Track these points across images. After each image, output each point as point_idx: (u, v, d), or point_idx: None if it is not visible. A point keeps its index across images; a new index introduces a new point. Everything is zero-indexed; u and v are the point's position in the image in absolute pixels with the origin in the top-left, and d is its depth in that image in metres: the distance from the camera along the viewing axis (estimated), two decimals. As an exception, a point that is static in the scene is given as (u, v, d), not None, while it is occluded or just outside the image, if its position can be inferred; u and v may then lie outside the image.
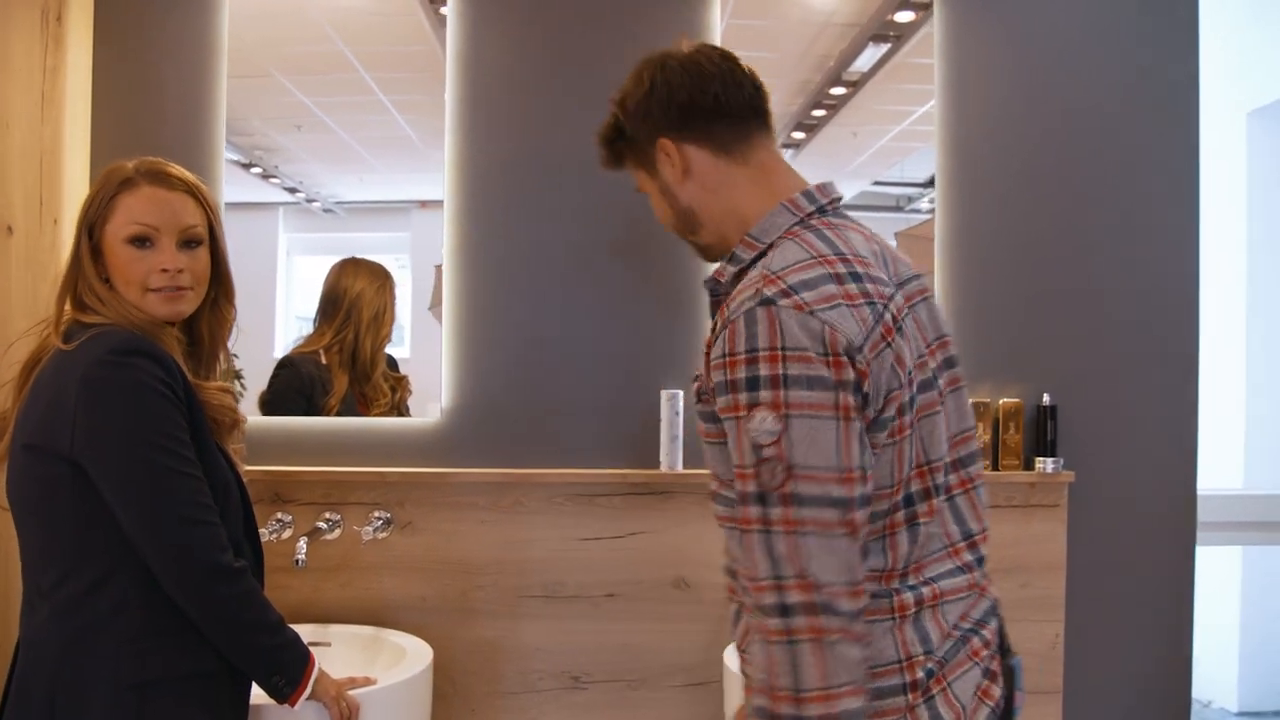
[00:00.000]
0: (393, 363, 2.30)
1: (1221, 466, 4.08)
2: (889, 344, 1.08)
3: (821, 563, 1.01)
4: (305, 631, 2.05)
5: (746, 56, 1.26)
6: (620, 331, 2.22)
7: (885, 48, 2.30)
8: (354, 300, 2.25)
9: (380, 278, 2.29)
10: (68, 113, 2.07)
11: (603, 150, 1.30)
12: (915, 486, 1.12)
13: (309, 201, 2.40)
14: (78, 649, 1.29)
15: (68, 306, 1.40)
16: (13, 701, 1.32)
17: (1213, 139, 4.34)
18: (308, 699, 1.46)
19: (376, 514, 2.14)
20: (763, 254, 1.16)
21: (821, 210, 1.21)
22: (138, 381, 1.30)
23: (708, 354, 1.13)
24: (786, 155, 2.26)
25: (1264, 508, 2.66)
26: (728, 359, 1.06)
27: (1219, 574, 4.26)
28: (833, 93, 2.30)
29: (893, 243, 1.27)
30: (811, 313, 1.04)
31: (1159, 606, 2.29)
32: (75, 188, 2.09)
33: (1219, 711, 4.22)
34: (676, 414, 2.15)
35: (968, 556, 1.17)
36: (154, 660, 1.32)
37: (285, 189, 2.39)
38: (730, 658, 1.95)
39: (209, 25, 2.21)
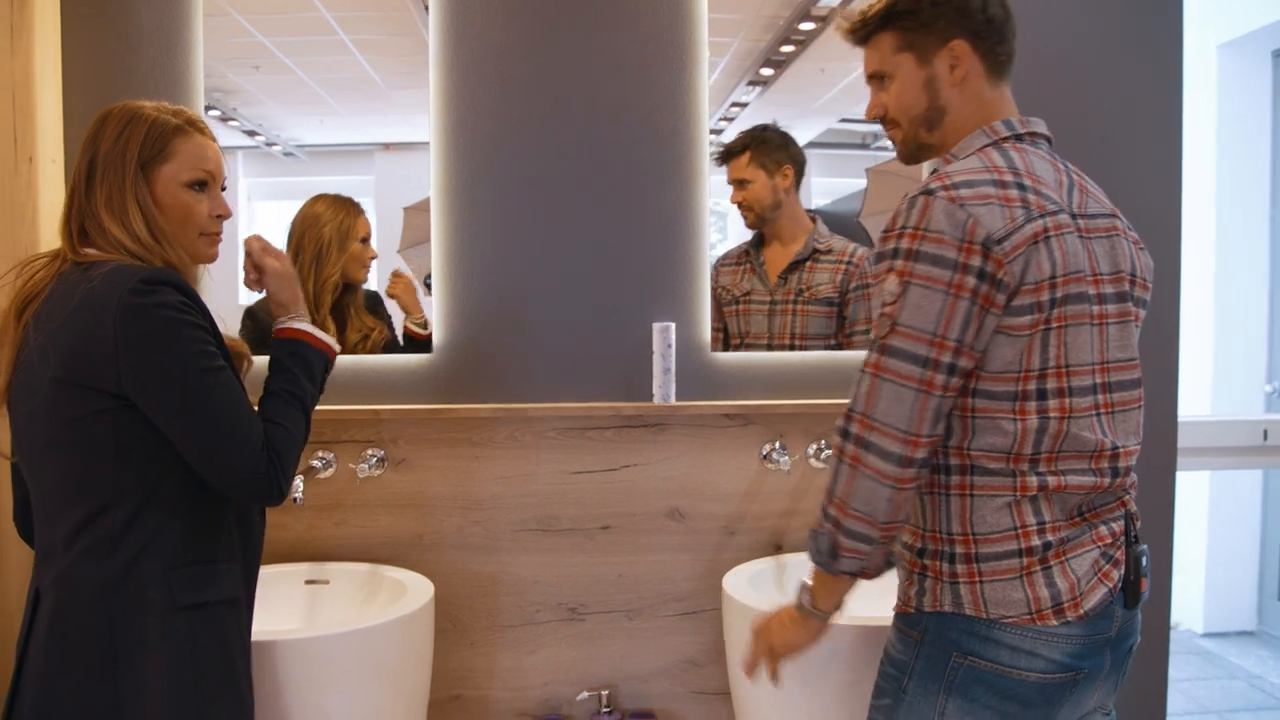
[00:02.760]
0: (375, 305, 2.26)
1: (1192, 395, 4.18)
2: (1035, 245, 1.22)
3: (886, 408, 1.22)
4: (303, 570, 2.08)
5: None
6: (609, 266, 2.21)
7: (858, -21, 2.29)
8: (299, 237, 2.20)
9: (338, 209, 2.21)
10: (37, 45, 2.01)
11: (868, 22, 1.38)
12: (1051, 384, 1.26)
13: (269, 145, 2.35)
14: (125, 581, 1.31)
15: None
16: (45, 645, 1.32)
17: (1185, 72, 4.38)
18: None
19: (370, 452, 2.13)
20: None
21: (1018, 137, 1.35)
22: (173, 307, 1.31)
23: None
24: (754, 92, 2.29)
25: (1237, 433, 2.72)
26: (885, 234, 1.27)
27: (1187, 500, 4.37)
28: (801, 28, 2.28)
29: (862, 180, 1.42)
30: (961, 205, 1.21)
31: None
32: (48, 124, 2.03)
33: (1186, 633, 4.35)
34: (669, 346, 2.15)
35: (1104, 464, 1.30)
36: (193, 586, 1.35)
37: (244, 132, 2.34)
38: (730, 584, 1.98)
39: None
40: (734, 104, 2.31)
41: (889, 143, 1.46)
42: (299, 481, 1.97)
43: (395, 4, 2.25)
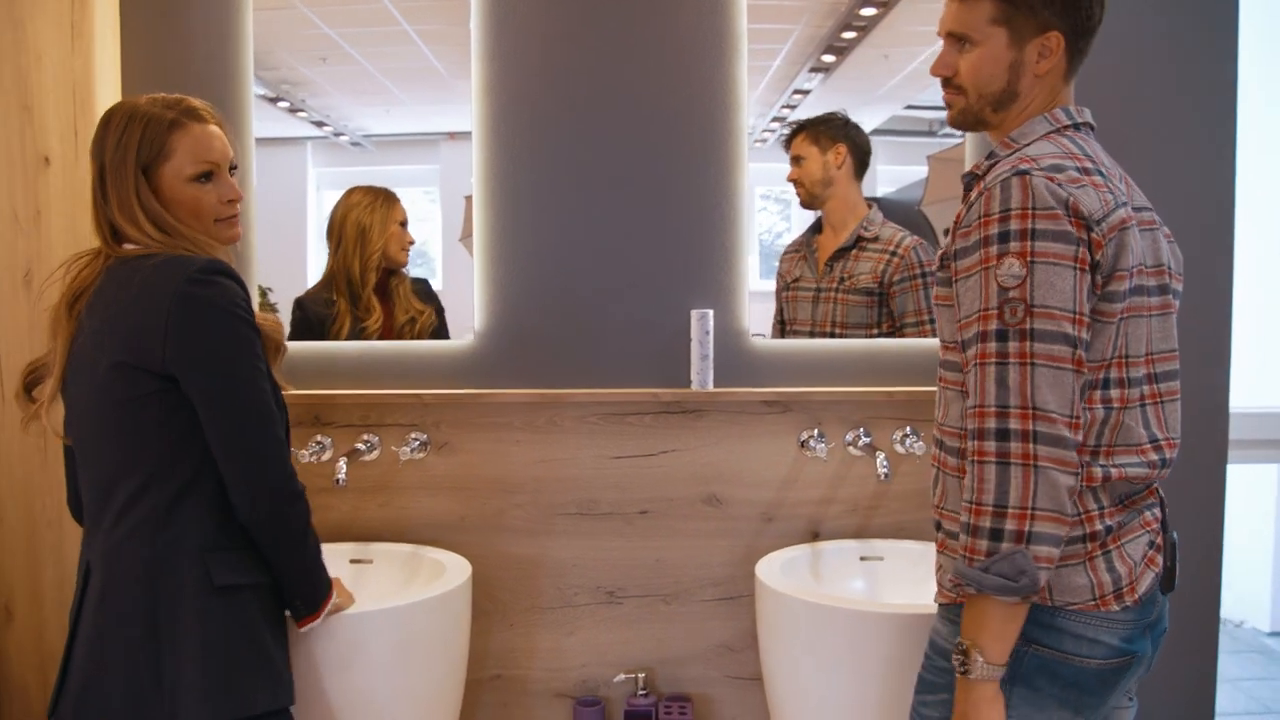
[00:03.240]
0: (425, 291, 2.32)
1: (1258, 385, 4.07)
2: (1124, 231, 1.25)
3: (1047, 395, 1.18)
4: (347, 550, 2.13)
5: None
6: (647, 253, 2.24)
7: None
8: (340, 222, 2.27)
9: (373, 196, 2.29)
10: (97, 43, 2.09)
11: None
12: (1114, 373, 1.28)
13: (336, 135, 2.40)
14: (168, 560, 1.39)
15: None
16: (94, 616, 1.40)
17: (1249, 59, 4.25)
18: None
19: (413, 435, 2.19)
20: (1013, 154, 1.32)
21: (1076, 126, 1.37)
22: (229, 300, 1.39)
23: (954, 230, 1.31)
24: (816, 79, 2.29)
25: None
26: (982, 219, 1.24)
27: (1252, 495, 4.27)
28: (863, 13, 2.26)
29: (924, 167, 1.39)
30: (1060, 185, 1.22)
31: (1190, 526, 2.30)
32: (108, 118, 2.12)
33: (1251, 631, 4.26)
34: (706, 333, 2.17)
35: (1153, 456, 1.31)
36: (230, 567, 1.43)
37: (312, 123, 2.39)
38: (762, 570, 1.99)
39: (233, -48, 2.22)
40: (796, 91, 2.32)
41: (955, 131, 1.45)
42: (343, 465, 2.03)
43: None
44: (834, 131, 2.22)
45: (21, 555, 1.85)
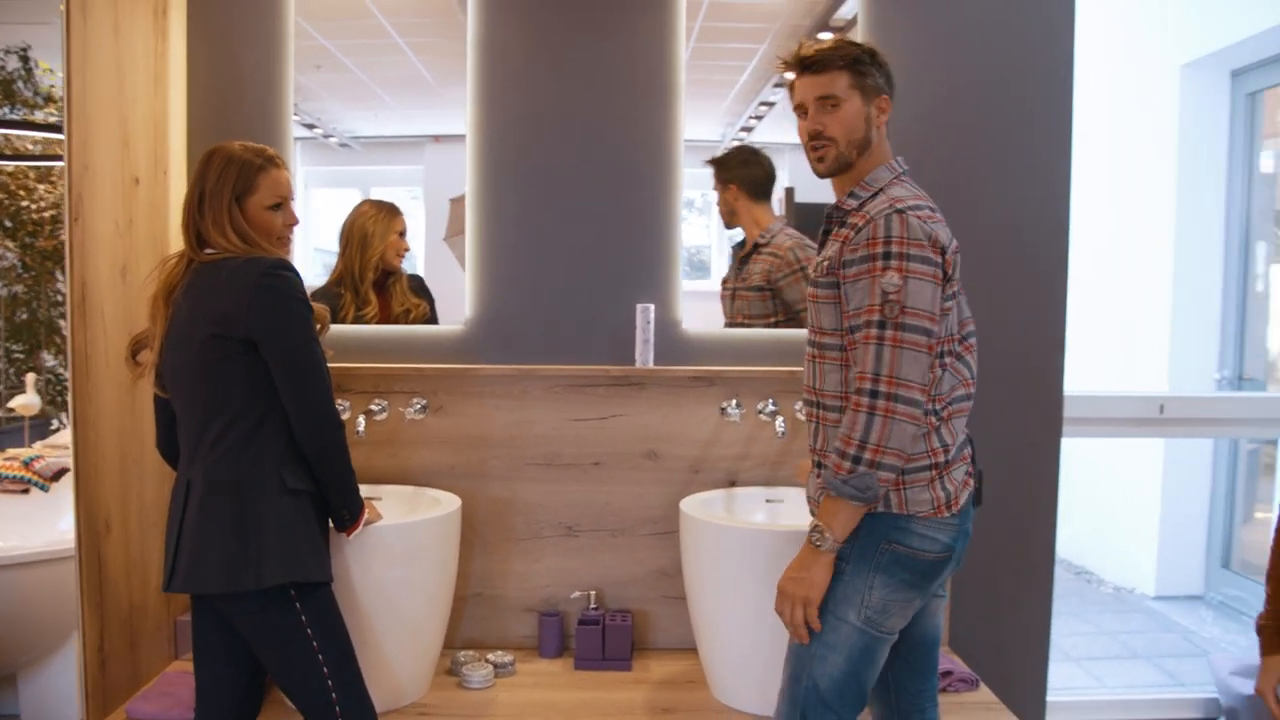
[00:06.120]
0: (419, 286, 2.84)
1: (1151, 373, 4.65)
2: (957, 253, 1.77)
3: (909, 369, 1.66)
4: (363, 490, 2.66)
5: (738, 3, 1.72)
6: (605, 256, 2.80)
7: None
8: (349, 228, 2.75)
9: (380, 209, 2.75)
10: (172, 89, 2.65)
11: (829, 59, 1.81)
12: (950, 346, 1.79)
13: (326, 137, 2.63)
14: (253, 471, 1.92)
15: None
16: (197, 517, 1.91)
17: (1147, 90, 4.83)
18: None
19: (416, 400, 2.75)
20: (873, 195, 1.79)
21: (906, 173, 1.86)
22: (293, 288, 1.93)
23: (842, 247, 1.75)
24: (781, 93, 2.74)
25: (1136, 407, 3.21)
26: (869, 241, 1.70)
27: (1139, 472, 4.81)
28: (822, 37, 2.57)
29: None
30: (924, 222, 1.70)
31: (1030, 489, 2.87)
32: (177, 146, 2.68)
33: (1139, 596, 4.81)
34: (648, 323, 2.74)
35: (971, 390, 1.83)
36: (297, 476, 1.95)
37: (303, 125, 2.63)
38: (686, 506, 2.56)
39: (278, 18, 2.76)
40: (762, 103, 2.73)
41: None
42: (361, 420, 2.59)
43: (445, 8, 2.53)
44: (725, 174, 2.77)
45: (117, 485, 2.38)
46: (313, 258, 2.83)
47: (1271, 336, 4.54)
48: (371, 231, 2.75)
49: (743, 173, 2.77)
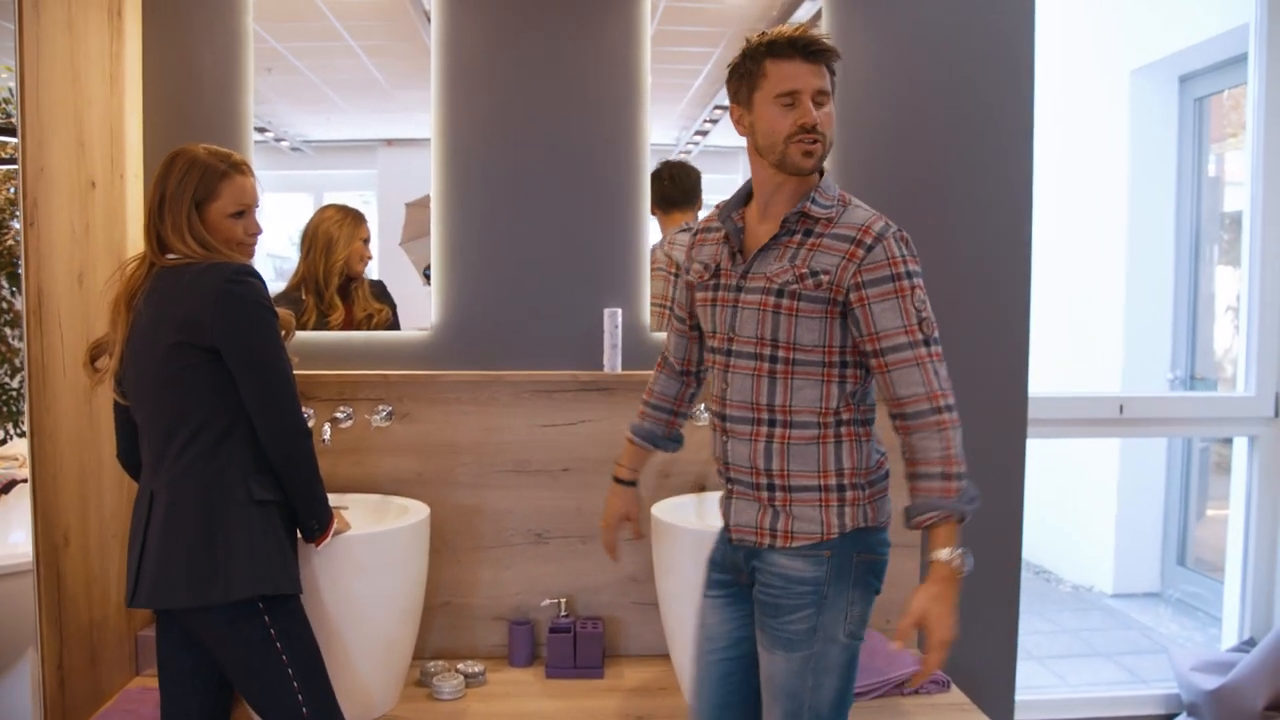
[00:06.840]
0: (381, 292, 2.81)
1: (1107, 378, 4.72)
2: None
3: (947, 378, 1.71)
4: (330, 499, 2.61)
5: (693, 8, 1.71)
6: (571, 263, 2.79)
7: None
8: (312, 232, 2.71)
9: (345, 214, 2.71)
10: (128, 91, 2.59)
11: (834, 53, 1.76)
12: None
13: (277, 140, 2.60)
14: (219, 482, 1.88)
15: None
16: (161, 528, 1.87)
17: (1099, 95, 4.92)
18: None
19: (381, 407, 2.71)
20: (843, 205, 1.76)
21: None
22: (258, 294, 1.89)
23: (848, 265, 1.70)
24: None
25: (1095, 407, 3.27)
26: (890, 260, 1.70)
27: (1098, 472, 4.89)
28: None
29: None
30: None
31: (997, 489, 2.88)
32: (134, 148, 2.62)
33: (1098, 594, 4.90)
34: (616, 327, 2.73)
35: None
36: (264, 486, 1.92)
37: (255, 129, 2.61)
38: (657, 510, 2.55)
39: (234, 18, 2.70)
40: (718, 107, 2.75)
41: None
42: (327, 428, 2.55)
43: (399, 11, 2.50)
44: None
45: (75, 496, 2.31)
46: (265, 262, 2.79)
47: (1217, 337, 4.63)
48: (336, 236, 2.72)
49: (656, 190, 2.80)
